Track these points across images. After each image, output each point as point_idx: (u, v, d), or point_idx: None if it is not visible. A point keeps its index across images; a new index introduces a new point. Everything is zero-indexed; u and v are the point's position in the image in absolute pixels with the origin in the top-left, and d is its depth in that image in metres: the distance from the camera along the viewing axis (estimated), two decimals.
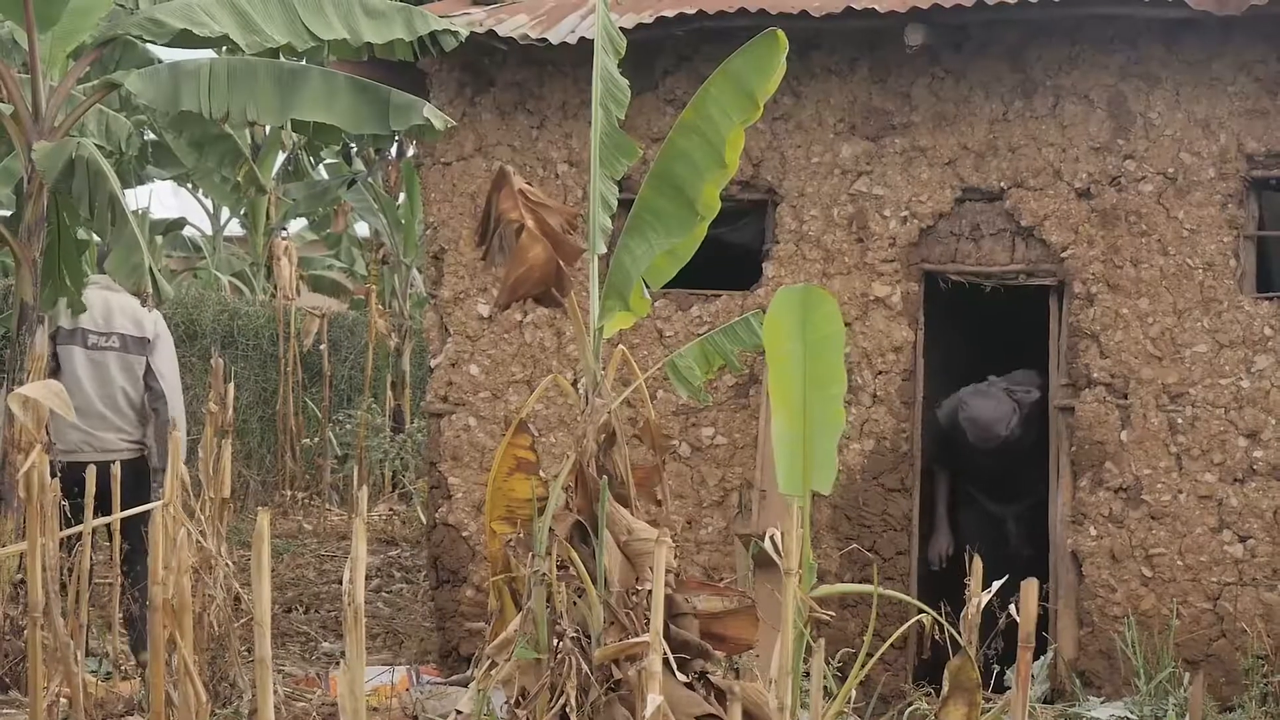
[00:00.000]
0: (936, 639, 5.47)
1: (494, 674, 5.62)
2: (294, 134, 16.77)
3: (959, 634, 5.01)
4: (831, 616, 5.76)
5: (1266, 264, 8.99)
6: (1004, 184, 8.62)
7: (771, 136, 8.85)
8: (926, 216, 8.70)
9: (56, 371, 8.45)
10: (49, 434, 7.89)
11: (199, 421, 10.12)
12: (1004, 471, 9.31)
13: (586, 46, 8.14)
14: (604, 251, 5.87)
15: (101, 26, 8.87)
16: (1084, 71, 8.53)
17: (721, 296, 8.92)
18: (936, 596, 6.92)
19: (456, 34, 8.62)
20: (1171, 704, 7.72)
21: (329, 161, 20.45)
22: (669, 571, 5.38)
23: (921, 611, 5.54)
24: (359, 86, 8.55)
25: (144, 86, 8.50)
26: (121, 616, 8.21)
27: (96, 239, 9.25)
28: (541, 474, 5.85)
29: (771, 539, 5.09)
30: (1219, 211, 8.37)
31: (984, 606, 5.05)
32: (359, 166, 18.85)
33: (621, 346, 6.04)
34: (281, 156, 19.16)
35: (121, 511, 7.46)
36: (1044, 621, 8.26)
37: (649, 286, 6.05)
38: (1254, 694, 7.96)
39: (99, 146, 8.79)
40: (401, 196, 18.06)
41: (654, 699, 4.81)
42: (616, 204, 5.96)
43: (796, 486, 5.28)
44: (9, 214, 8.90)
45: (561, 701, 5.43)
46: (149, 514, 6.01)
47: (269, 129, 17.47)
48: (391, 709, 7.85)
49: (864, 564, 8.53)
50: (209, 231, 23.07)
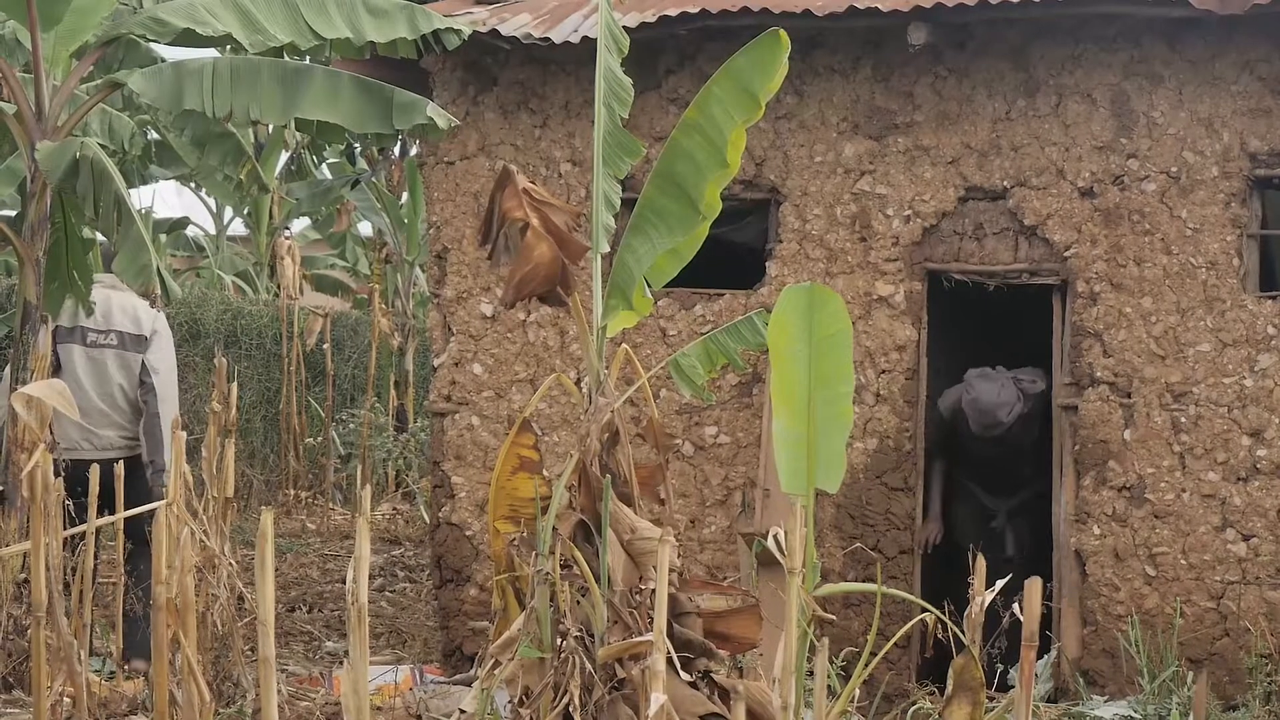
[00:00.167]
0: (940, 638, 5.47)
1: (498, 673, 5.62)
2: (297, 133, 16.80)
3: (963, 633, 5.01)
4: (835, 616, 5.76)
5: (1270, 263, 8.99)
6: (1007, 183, 8.61)
7: (774, 135, 8.85)
8: (929, 215, 8.69)
9: (56, 370, 8.45)
10: (51, 433, 7.89)
11: (202, 420, 10.12)
12: (1001, 464, 9.30)
13: (589, 45, 8.13)
14: (607, 250, 5.88)
15: (104, 26, 8.86)
16: (1087, 70, 8.53)
17: (725, 295, 8.92)
18: (940, 595, 6.93)
19: (459, 33, 8.61)
20: (1175, 703, 7.72)
21: (332, 161, 20.45)
22: (672, 570, 5.39)
23: (925, 610, 5.54)
24: (362, 85, 8.54)
25: (147, 86, 8.50)
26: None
27: (100, 237, 9.24)
28: (545, 473, 5.86)
29: (775, 538, 5.09)
30: (1222, 210, 8.36)
31: (987, 605, 5.05)
32: (362, 166, 18.87)
33: (625, 345, 6.04)
34: (284, 156, 19.18)
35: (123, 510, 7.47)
36: (1047, 620, 8.28)
37: (651, 285, 6.06)
38: (1258, 693, 7.95)
39: (102, 146, 8.78)
40: (404, 196, 18.07)
41: (657, 698, 4.81)
42: (620, 203, 5.97)
43: (799, 485, 5.27)
44: (13, 214, 8.90)
45: (565, 701, 5.43)
46: (149, 513, 6.02)
47: (272, 128, 17.47)
48: (395, 708, 7.84)
49: (867, 563, 8.52)
50: (212, 231, 23.09)
